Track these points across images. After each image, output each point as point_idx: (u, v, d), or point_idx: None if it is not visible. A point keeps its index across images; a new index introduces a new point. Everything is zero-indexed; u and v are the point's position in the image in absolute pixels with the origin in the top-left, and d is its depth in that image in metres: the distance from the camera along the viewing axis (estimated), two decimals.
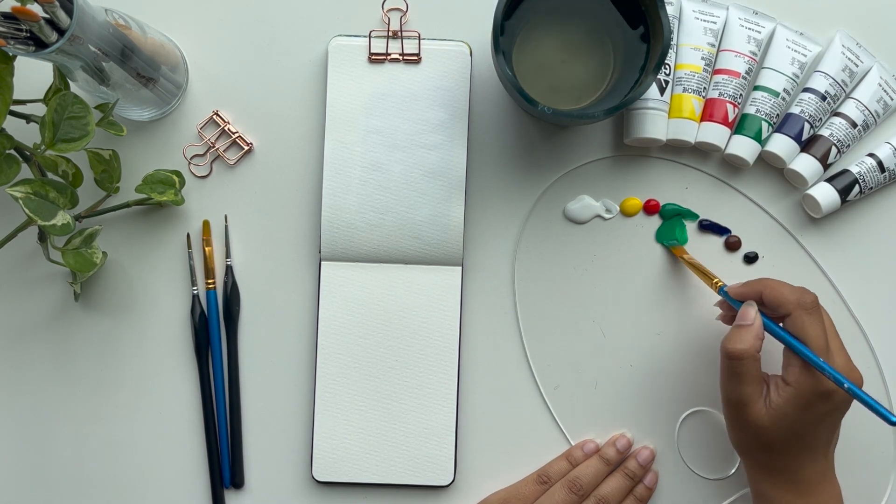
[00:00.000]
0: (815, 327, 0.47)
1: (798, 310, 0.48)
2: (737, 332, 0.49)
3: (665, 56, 0.47)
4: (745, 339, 0.48)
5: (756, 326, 0.48)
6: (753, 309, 0.49)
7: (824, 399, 0.47)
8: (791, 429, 0.48)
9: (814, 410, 0.47)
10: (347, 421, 0.55)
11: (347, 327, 0.55)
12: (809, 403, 0.47)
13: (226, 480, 0.56)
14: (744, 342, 0.48)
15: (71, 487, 0.56)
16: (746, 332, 0.48)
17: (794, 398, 0.47)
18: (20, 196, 0.46)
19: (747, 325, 0.49)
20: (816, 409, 0.47)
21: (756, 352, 0.48)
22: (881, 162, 0.55)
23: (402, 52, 0.55)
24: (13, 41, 0.43)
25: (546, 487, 0.54)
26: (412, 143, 0.55)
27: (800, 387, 0.47)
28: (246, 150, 0.56)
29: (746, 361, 0.48)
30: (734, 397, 0.49)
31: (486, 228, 0.57)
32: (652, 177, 0.57)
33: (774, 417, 0.47)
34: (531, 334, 0.57)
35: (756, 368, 0.48)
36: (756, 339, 0.48)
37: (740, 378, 0.48)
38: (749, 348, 0.48)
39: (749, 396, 0.48)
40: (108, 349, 0.56)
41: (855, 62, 0.55)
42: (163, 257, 0.57)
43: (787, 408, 0.47)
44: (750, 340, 0.48)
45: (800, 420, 0.47)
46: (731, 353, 0.48)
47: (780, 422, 0.47)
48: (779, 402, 0.47)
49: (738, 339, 0.48)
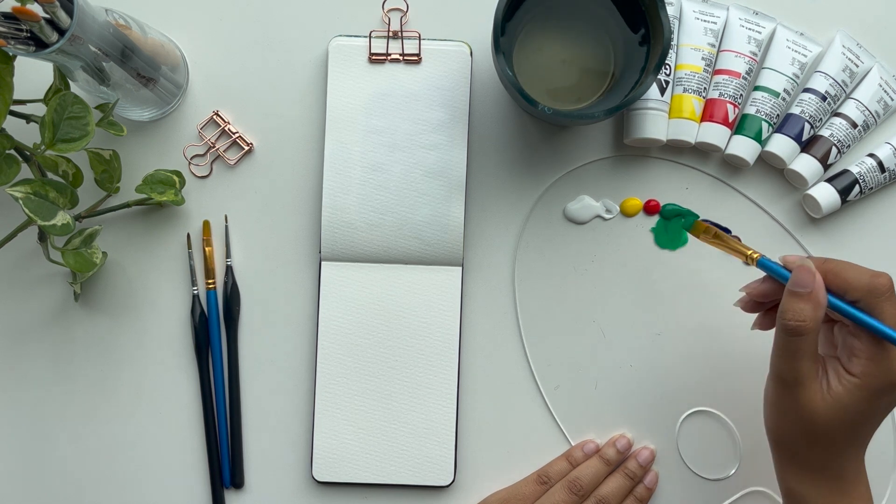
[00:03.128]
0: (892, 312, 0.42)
1: (870, 296, 0.42)
2: (794, 302, 0.42)
3: (665, 56, 0.47)
4: (805, 310, 0.42)
5: (817, 293, 0.42)
6: (812, 273, 0.42)
7: (892, 390, 0.42)
8: (847, 422, 0.43)
9: (877, 403, 0.43)
10: (347, 421, 0.55)
11: (347, 327, 0.55)
12: (875, 396, 0.42)
13: (226, 480, 0.56)
14: (804, 314, 0.42)
15: (71, 487, 0.56)
16: (805, 301, 0.42)
17: (860, 390, 0.42)
18: (20, 196, 0.46)
19: (805, 293, 0.42)
20: (881, 401, 0.43)
21: (817, 325, 0.42)
22: (881, 162, 0.55)
23: (402, 53, 0.55)
24: (13, 41, 0.43)
25: (546, 488, 0.54)
26: (412, 143, 0.55)
27: (868, 378, 0.42)
28: (246, 150, 0.56)
29: (807, 337, 0.42)
30: (788, 375, 0.43)
31: (486, 228, 0.57)
32: (652, 177, 0.57)
33: (832, 407, 0.43)
34: (531, 334, 0.57)
35: (815, 345, 0.43)
36: (817, 308, 0.42)
37: (797, 355, 0.43)
38: (810, 321, 0.42)
39: (806, 376, 0.43)
40: (108, 349, 0.56)
41: (855, 62, 0.55)
42: (163, 257, 0.57)
43: (849, 399, 0.42)
44: (810, 311, 0.42)
45: (860, 414, 0.43)
46: (791, 328, 0.42)
47: (837, 413, 0.43)
48: (839, 392, 0.42)
49: (798, 311, 0.42)
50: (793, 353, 0.43)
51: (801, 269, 0.43)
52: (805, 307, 0.42)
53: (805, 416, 0.43)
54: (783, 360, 0.44)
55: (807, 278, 0.42)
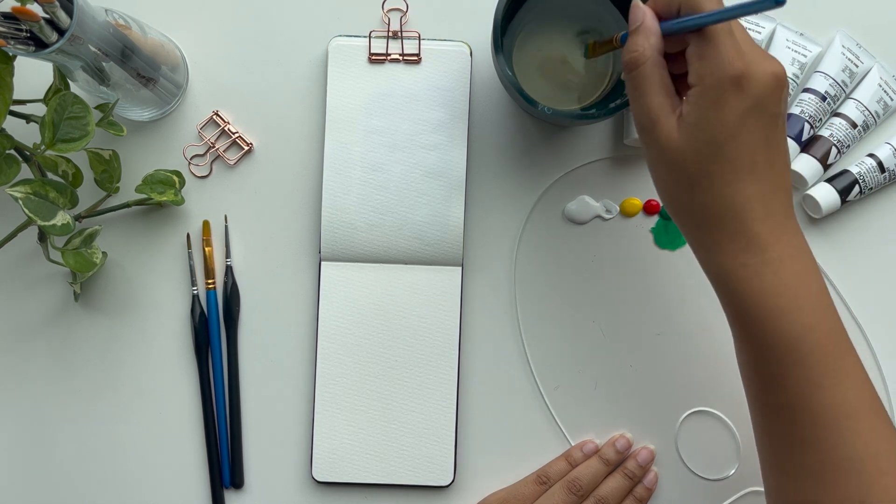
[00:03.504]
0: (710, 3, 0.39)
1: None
2: (629, 39, 0.41)
3: None
4: (636, 42, 0.41)
5: (647, 23, 0.41)
6: (640, 8, 0.41)
7: (735, 88, 0.38)
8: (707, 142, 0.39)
9: (729, 108, 0.39)
10: (347, 421, 0.55)
11: (347, 327, 0.55)
12: (720, 99, 0.39)
13: (226, 480, 0.56)
14: (637, 45, 0.41)
15: (71, 487, 0.56)
16: (637, 34, 0.41)
17: (701, 97, 0.39)
18: (20, 196, 0.46)
19: (637, 27, 0.41)
20: (732, 105, 0.39)
21: (654, 53, 0.40)
22: (881, 162, 0.55)
23: (402, 53, 0.55)
24: (13, 41, 0.43)
25: (545, 488, 0.54)
26: (412, 143, 0.55)
27: (704, 81, 0.39)
28: (246, 150, 0.56)
29: (645, 67, 0.40)
30: (642, 116, 0.41)
31: (486, 228, 0.57)
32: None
33: (687, 131, 0.39)
34: (531, 334, 0.57)
35: (660, 76, 0.41)
36: (649, 36, 0.41)
37: (643, 89, 0.41)
38: (644, 49, 0.40)
39: (658, 110, 0.40)
40: (108, 349, 0.56)
41: (855, 63, 0.55)
42: (163, 257, 0.57)
43: (696, 113, 0.39)
44: (640, 42, 0.41)
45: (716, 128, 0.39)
46: (627, 62, 0.41)
47: (694, 134, 0.39)
48: (688, 111, 0.39)
49: (630, 45, 0.41)
50: (639, 90, 0.41)
51: (632, 9, 0.42)
52: (637, 38, 0.41)
53: (669, 154, 0.41)
54: (635, 103, 0.41)
55: (637, 14, 0.41)
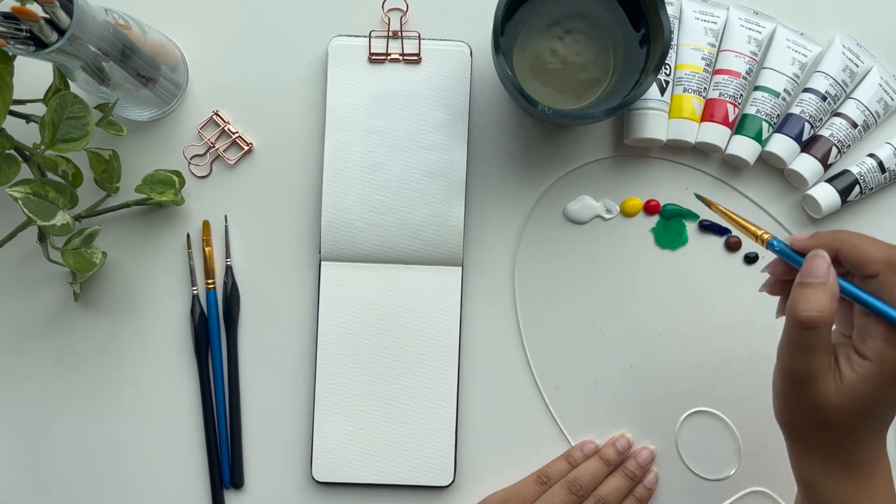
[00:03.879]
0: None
1: (888, 270, 0.39)
2: (808, 293, 0.39)
3: (665, 56, 0.47)
4: (820, 301, 0.39)
5: (831, 284, 0.39)
6: (826, 261, 0.40)
7: None
8: (865, 410, 0.40)
9: (893, 389, 0.40)
10: (347, 421, 0.55)
11: (347, 327, 0.55)
12: (891, 381, 0.40)
13: (226, 480, 0.56)
14: (819, 305, 0.39)
15: (71, 487, 0.56)
16: (820, 292, 0.39)
17: (875, 376, 0.39)
18: (20, 196, 0.46)
19: (819, 283, 0.39)
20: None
21: (832, 316, 0.39)
22: (882, 162, 0.55)
23: (402, 53, 0.55)
24: (13, 41, 0.43)
25: (545, 488, 0.54)
26: (412, 143, 0.55)
27: (883, 362, 0.39)
28: (246, 150, 0.56)
29: (821, 331, 0.39)
30: (800, 372, 0.40)
31: (486, 228, 0.57)
32: (652, 177, 0.57)
33: (847, 397, 0.40)
34: (531, 334, 0.57)
35: (829, 337, 0.40)
36: (832, 300, 0.39)
37: (810, 349, 0.40)
38: (825, 313, 0.39)
39: (818, 371, 0.40)
40: (108, 349, 0.56)
41: (855, 62, 0.55)
42: (163, 257, 0.57)
43: (863, 386, 0.39)
44: (825, 302, 0.39)
45: (878, 399, 0.40)
46: (805, 321, 0.39)
47: (854, 401, 0.40)
48: (853, 380, 0.40)
49: (812, 303, 0.39)
50: (805, 348, 0.40)
51: (813, 259, 0.40)
52: (821, 297, 0.39)
53: (818, 409, 0.41)
54: (795, 355, 0.41)
55: (821, 267, 0.40)
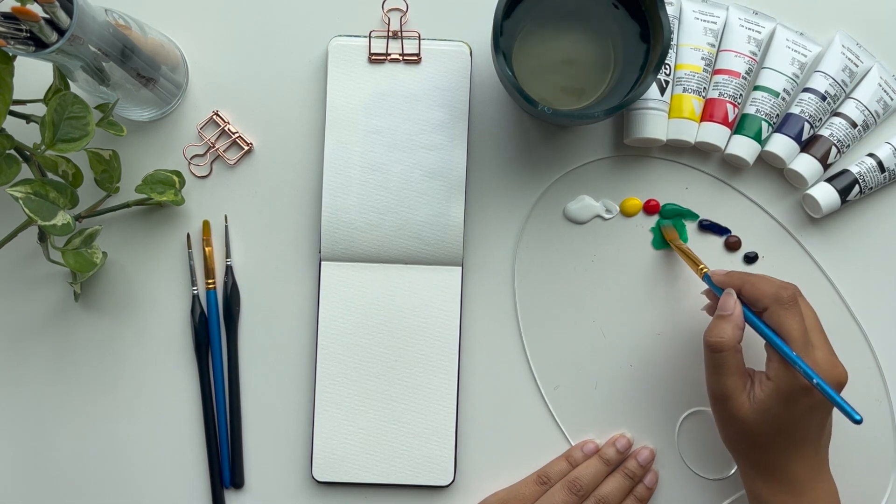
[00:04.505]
0: (793, 322, 0.47)
1: (775, 304, 0.47)
2: (717, 323, 0.48)
3: (665, 56, 0.47)
4: (725, 329, 0.48)
5: (736, 316, 0.48)
6: (733, 298, 0.49)
7: (805, 394, 0.46)
8: (776, 424, 0.47)
9: (797, 405, 0.46)
10: (347, 421, 0.55)
11: (347, 327, 0.55)
12: (791, 398, 0.46)
13: (226, 480, 0.56)
14: (723, 333, 0.48)
15: (71, 487, 0.56)
16: (726, 322, 0.48)
17: (776, 393, 0.46)
18: (20, 196, 0.46)
19: (727, 315, 0.48)
20: (799, 403, 0.46)
21: (736, 342, 0.48)
22: (881, 162, 0.55)
23: (402, 53, 0.55)
24: (13, 41, 0.43)
25: (546, 488, 0.54)
26: (412, 143, 0.55)
27: (779, 381, 0.46)
28: (246, 150, 0.56)
29: (727, 353, 0.47)
30: (717, 390, 0.49)
31: (486, 228, 0.57)
32: (652, 177, 0.57)
33: (758, 412, 0.47)
34: (531, 334, 0.57)
35: (737, 360, 0.48)
36: (735, 329, 0.48)
37: (722, 370, 0.48)
38: (728, 339, 0.47)
39: (732, 389, 0.48)
40: (108, 349, 0.56)
41: (855, 62, 0.55)
42: (163, 257, 0.57)
43: (769, 402, 0.47)
44: (729, 331, 0.47)
45: (784, 415, 0.47)
46: (711, 344, 0.48)
47: (764, 417, 0.47)
48: (761, 397, 0.47)
49: (718, 330, 0.48)
50: (718, 369, 0.48)
51: (726, 296, 0.49)
52: (725, 326, 0.48)
53: (738, 424, 0.48)
54: (711, 376, 0.49)
55: (728, 303, 0.49)
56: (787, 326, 0.47)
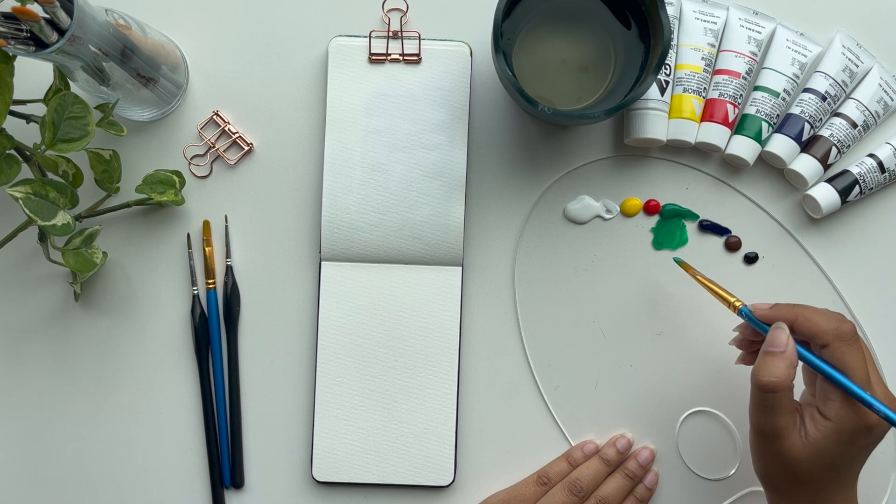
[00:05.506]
0: (856, 358, 0.44)
1: (837, 341, 0.44)
2: (768, 361, 0.45)
3: (665, 56, 0.47)
4: (779, 368, 0.44)
5: (789, 353, 0.45)
6: (785, 333, 0.45)
7: (866, 433, 0.44)
8: (830, 464, 0.45)
9: (855, 445, 0.45)
10: (347, 421, 0.55)
11: (347, 327, 0.55)
12: (852, 438, 0.44)
13: (226, 480, 0.56)
14: (777, 372, 0.44)
15: (71, 487, 0.56)
16: (779, 360, 0.45)
17: (836, 434, 0.44)
18: (20, 196, 0.46)
19: (779, 353, 0.45)
20: (858, 443, 0.44)
21: (790, 381, 0.45)
22: (881, 162, 0.55)
23: (402, 53, 0.55)
24: (13, 41, 0.43)
25: (546, 489, 0.54)
26: (412, 143, 0.55)
27: (842, 422, 0.44)
28: (246, 150, 0.56)
29: (781, 394, 0.44)
30: (767, 429, 0.46)
31: (486, 228, 0.57)
32: (652, 177, 0.57)
33: (812, 452, 0.44)
34: (531, 334, 0.57)
35: (790, 399, 0.45)
36: (790, 367, 0.45)
37: (773, 410, 0.45)
38: (783, 379, 0.44)
39: (783, 429, 0.45)
40: (108, 349, 0.56)
41: (855, 62, 0.55)
42: (163, 257, 0.57)
43: (826, 443, 0.44)
44: (783, 370, 0.44)
45: (841, 455, 0.44)
46: (764, 385, 0.45)
47: (819, 457, 0.44)
48: (817, 437, 0.44)
49: (771, 370, 0.44)
50: (769, 409, 0.45)
51: (776, 330, 0.46)
52: (779, 365, 0.45)
53: (787, 463, 0.45)
54: (761, 415, 0.46)
55: (781, 338, 0.45)
56: (851, 363, 0.44)
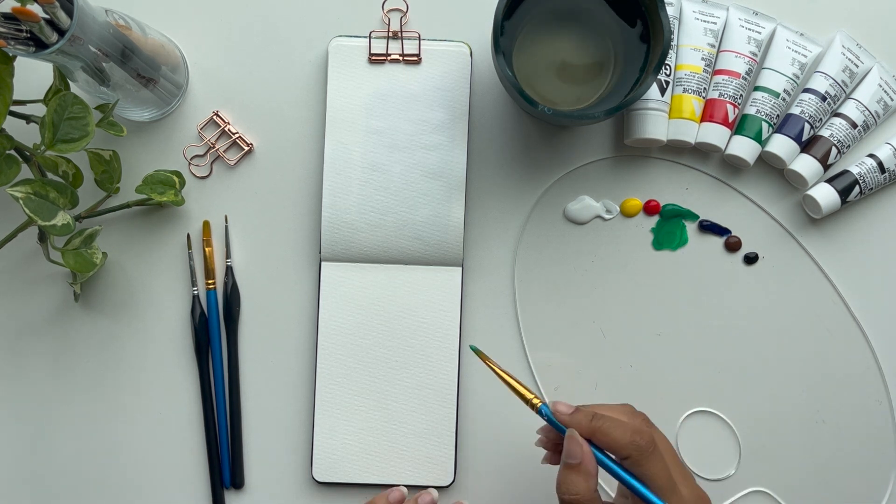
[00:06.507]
0: (656, 467, 0.42)
1: (635, 454, 0.42)
2: (567, 475, 0.43)
3: (665, 57, 0.47)
4: (576, 483, 0.43)
5: (586, 465, 0.43)
6: (578, 443, 0.43)
7: None
8: None
9: None
10: (347, 421, 0.55)
11: (347, 327, 0.55)
12: None
13: (226, 481, 0.56)
14: (575, 488, 0.43)
15: (71, 487, 0.56)
16: (576, 474, 0.43)
17: None
18: (20, 196, 0.46)
19: (576, 465, 0.43)
20: None
21: (592, 493, 0.43)
22: (881, 163, 0.55)
23: (402, 53, 0.55)
24: (13, 42, 0.43)
25: None
26: (412, 143, 0.55)
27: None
28: (246, 150, 0.56)
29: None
30: None
31: (487, 229, 0.57)
32: (652, 177, 0.57)
33: None
34: (531, 334, 0.57)
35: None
36: (589, 478, 0.43)
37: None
38: (583, 493, 0.43)
39: None
40: (108, 349, 0.56)
41: (855, 63, 0.55)
42: (163, 257, 0.57)
43: None
44: (580, 484, 0.43)
45: None
46: (567, 501, 0.43)
47: None
48: None
49: (570, 486, 0.43)
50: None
51: (570, 441, 0.43)
52: (577, 479, 0.43)
53: None
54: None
55: (575, 449, 0.43)
56: (651, 474, 0.42)
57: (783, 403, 0.57)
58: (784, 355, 0.57)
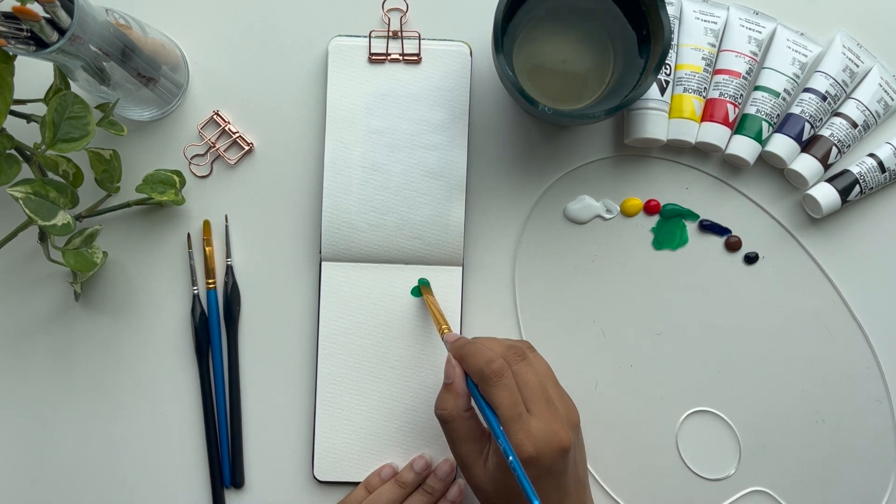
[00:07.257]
0: (499, 396, 0.44)
1: (481, 382, 0.45)
2: (441, 393, 0.47)
3: (665, 56, 0.47)
4: (446, 400, 0.47)
5: (457, 386, 0.47)
6: (452, 366, 0.47)
7: (527, 466, 0.43)
8: (508, 493, 0.45)
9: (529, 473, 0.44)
10: (348, 420, 0.55)
11: (347, 327, 0.55)
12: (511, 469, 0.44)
13: (226, 480, 0.56)
14: (444, 405, 0.47)
15: (71, 487, 0.56)
16: (447, 392, 0.47)
17: (498, 467, 0.45)
18: (20, 196, 0.46)
19: (449, 384, 0.47)
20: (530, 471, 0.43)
21: (460, 412, 0.46)
22: (882, 162, 0.55)
23: (402, 53, 0.55)
24: (14, 41, 0.43)
25: None
26: (412, 143, 0.55)
27: (499, 455, 0.45)
28: (246, 150, 0.56)
29: (455, 423, 0.46)
30: (457, 458, 0.48)
31: (487, 228, 0.57)
32: (652, 177, 0.57)
33: (491, 481, 0.46)
34: (531, 334, 0.57)
35: (468, 428, 0.47)
36: (457, 398, 0.46)
37: (453, 440, 0.47)
38: (450, 410, 0.46)
39: (466, 457, 0.47)
40: (108, 349, 0.56)
41: (855, 62, 0.55)
42: (163, 257, 0.57)
43: (498, 474, 0.45)
44: (450, 401, 0.46)
45: (514, 485, 0.45)
46: (437, 416, 0.47)
47: (496, 486, 0.45)
48: (492, 467, 0.46)
49: (440, 402, 0.47)
50: (450, 439, 0.47)
51: (447, 363, 0.48)
52: (447, 397, 0.47)
53: (478, 492, 0.47)
54: (449, 445, 0.48)
55: (449, 371, 0.47)
56: (495, 402, 0.44)
57: (783, 403, 0.57)
58: (784, 355, 0.57)
